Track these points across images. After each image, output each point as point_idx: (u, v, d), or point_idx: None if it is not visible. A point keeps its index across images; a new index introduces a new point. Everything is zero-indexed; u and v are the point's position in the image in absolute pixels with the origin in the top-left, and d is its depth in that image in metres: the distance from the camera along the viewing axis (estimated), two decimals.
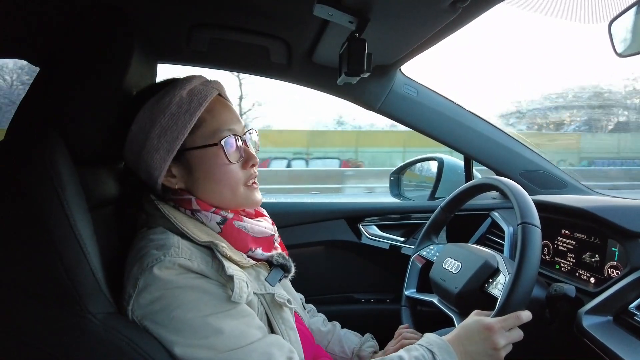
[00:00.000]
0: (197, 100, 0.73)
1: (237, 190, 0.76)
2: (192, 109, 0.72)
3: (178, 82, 0.75)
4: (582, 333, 0.84)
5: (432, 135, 1.38)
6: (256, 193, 0.79)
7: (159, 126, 0.71)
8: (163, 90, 0.73)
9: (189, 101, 0.72)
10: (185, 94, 0.73)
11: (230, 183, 0.75)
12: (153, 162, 0.73)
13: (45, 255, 0.57)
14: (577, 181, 1.41)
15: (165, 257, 0.64)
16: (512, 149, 1.40)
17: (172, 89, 0.73)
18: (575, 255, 1.06)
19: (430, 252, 1.11)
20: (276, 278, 0.76)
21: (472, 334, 0.76)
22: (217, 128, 0.74)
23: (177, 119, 0.71)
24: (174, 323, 0.62)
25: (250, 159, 0.77)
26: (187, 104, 0.72)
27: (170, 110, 0.71)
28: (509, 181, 0.92)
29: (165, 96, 0.72)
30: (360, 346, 0.99)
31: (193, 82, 0.75)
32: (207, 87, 0.75)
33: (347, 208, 1.51)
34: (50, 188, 0.58)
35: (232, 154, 0.74)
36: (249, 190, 0.78)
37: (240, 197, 0.77)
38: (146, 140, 0.72)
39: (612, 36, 0.91)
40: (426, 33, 0.96)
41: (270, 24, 1.06)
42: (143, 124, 0.72)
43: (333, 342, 1.00)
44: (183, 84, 0.74)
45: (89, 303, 0.59)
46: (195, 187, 0.75)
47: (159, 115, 0.71)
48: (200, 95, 0.73)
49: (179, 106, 0.71)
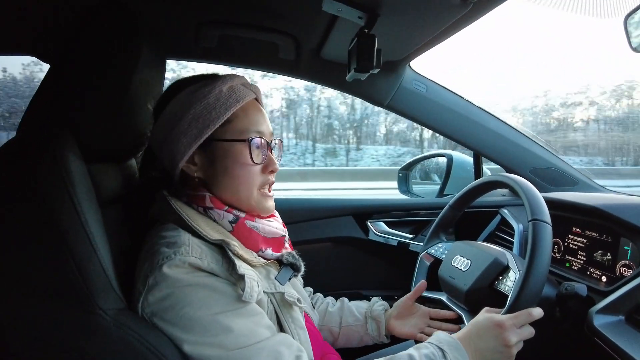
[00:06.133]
0: (235, 97, 0.75)
1: (252, 192, 0.77)
2: (229, 103, 0.74)
3: (220, 77, 0.77)
4: (593, 332, 0.83)
5: (441, 132, 1.37)
6: (269, 201, 0.80)
7: (193, 112, 0.73)
8: (204, 82, 0.76)
9: (227, 96, 0.75)
10: (225, 88, 0.75)
11: (247, 182, 0.76)
12: (179, 144, 0.74)
13: (56, 252, 0.58)
14: (589, 178, 1.39)
15: (176, 256, 0.64)
16: (522, 145, 1.38)
17: (213, 82, 0.75)
18: (587, 253, 1.05)
19: (438, 250, 1.11)
20: (286, 277, 0.77)
21: (483, 331, 0.76)
22: (248, 127, 0.76)
23: (212, 109, 0.73)
24: (183, 321, 0.62)
25: (270, 165, 0.79)
26: (225, 98, 0.74)
27: (207, 100, 0.74)
28: (518, 178, 0.91)
29: (205, 86, 0.75)
30: (371, 308, 1.03)
31: (235, 81, 0.78)
32: (246, 88, 0.78)
33: (355, 205, 1.51)
34: (61, 185, 0.58)
35: (256, 155, 0.76)
36: (262, 196, 0.78)
37: (252, 199, 0.77)
38: (177, 124, 0.74)
39: (628, 31, 0.89)
40: (436, 28, 0.95)
41: (279, 21, 1.05)
42: (177, 109, 0.75)
43: (345, 315, 1.03)
44: (225, 80, 0.76)
45: (100, 299, 0.60)
46: (213, 180, 0.76)
47: (195, 103, 0.73)
48: (239, 93, 0.76)
49: (216, 98, 0.74)
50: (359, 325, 1.01)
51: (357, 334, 1.02)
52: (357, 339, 1.02)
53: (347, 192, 6.56)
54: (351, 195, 5.75)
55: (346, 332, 1.02)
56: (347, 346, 1.02)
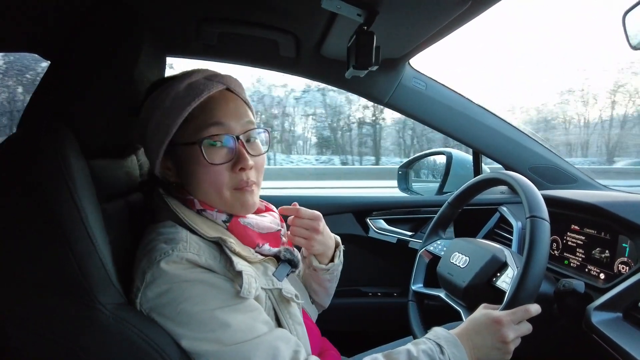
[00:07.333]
0: (192, 95, 0.70)
1: (223, 194, 0.72)
2: (184, 104, 0.70)
3: (179, 76, 0.73)
4: (590, 329, 0.84)
5: (440, 129, 1.38)
6: (248, 196, 0.74)
7: (154, 119, 0.72)
8: (166, 84, 0.73)
9: (183, 96, 0.70)
10: (182, 88, 0.71)
11: (213, 185, 0.71)
12: (150, 151, 0.75)
13: (56, 247, 0.58)
14: (588, 176, 1.39)
15: (174, 252, 0.64)
16: (521, 143, 1.38)
17: (172, 83, 0.72)
18: (585, 250, 1.05)
19: (437, 247, 1.11)
20: (283, 273, 0.77)
21: (481, 327, 0.76)
22: (204, 125, 0.70)
23: (169, 113, 0.70)
24: (180, 316, 0.63)
25: (240, 162, 0.71)
26: (181, 99, 0.70)
27: (164, 104, 0.71)
28: (517, 175, 0.91)
29: (164, 90, 0.72)
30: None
31: (195, 76, 0.73)
32: (210, 81, 0.73)
33: (354, 202, 1.51)
34: (61, 181, 0.59)
35: (215, 155, 0.70)
36: (240, 193, 0.73)
37: (227, 201, 0.73)
38: (145, 130, 0.74)
39: (626, 28, 0.89)
40: (436, 25, 0.95)
41: (279, 18, 1.06)
42: (144, 115, 0.74)
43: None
44: (183, 78, 0.72)
45: (99, 294, 0.60)
46: (187, 184, 0.74)
47: (155, 109, 0.72)
48: (197, 89, 0.71)
49: (173, 101, 0.71)
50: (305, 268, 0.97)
51: (311, 277, 0.97)
52: (316, 280, 0.96)
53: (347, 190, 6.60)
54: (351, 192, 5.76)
55: (306, 280, 0.98)
56: (313, 293, 0.98)
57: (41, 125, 0.64)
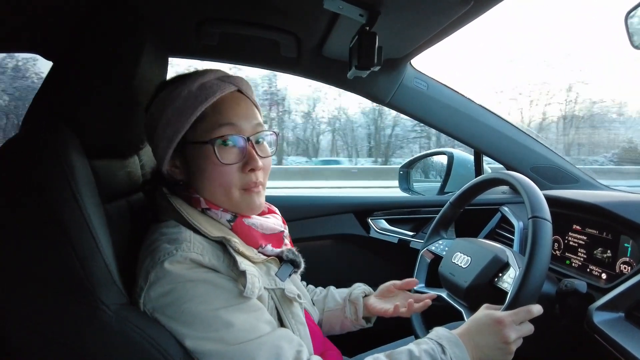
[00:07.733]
0: (205, 95, 0.71)
1: (231, 194, 0.73)
2: (196, 103, 0.71)
3: (192, 75, 0.74)
4: (592, 329, 0.84)
5: (442, 129, 1.37)
6: (255, 197, 0.75)
7: (165, 117, 0.72)
8: (178, 82, 0.74)
9: (196, 95, 0.71)
10: (195, 87, 0.72)
11: (223, 184, 0.72)
12: (159, 149, 0.75)
13: (59, 247, 0.58)
14: (590, 176, 1.39)
15: (177, 252, 0.64)
16: (523, 143, 1.38)
17: (184, 82, 0.73)
18: (587, 250, 1.05)
19: (439, 247, 1.11)
20: (286, 273, 0.77)
21: (483, 327, 0.76)
22: (216, 125, 0.71)
23: (181, 113, 0.71)
24: (184, 316, 0.63)
25: (250, 163, 0.73)
26: (193, 98, 0.71)
27: (177, 103, 0.72)
28: (519, 175, 0.91)
29: (176, 88, 0.73)
30: (350, 291, 1.02)
31: (207, 76, 0.74)
32: (222, 82, 0.74)
33: (356, 202, 1.51)
34: (64, 181, 0.59)
35: (226, 155, 0.71)
36: (247, 194, 0.74)
37: (235, 201, 0.74)
38: (155, 128, 0.74)
39: (629, 28, 0.89)
40: (438, 26, 0.95)
41: (280, 18, 1.06)
42: (155, 112, 0.74)
43: (328, 301, 1.02)
44: (196, 78, 0.73)
45: (102, 294, 0.60)
46: (195, 183, 0.75)
47: (167, 107, 0.72)
48: (210, 90, 0.72)
49: (185, 100, 0.71)
50: (338, 310, 1.00)
51: (338, 318, 1.00)
52: (338, 323, 1.00)
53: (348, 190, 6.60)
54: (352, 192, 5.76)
55: (328, 318, 1.00)
56: (331, 333, 1.01)
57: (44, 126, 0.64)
